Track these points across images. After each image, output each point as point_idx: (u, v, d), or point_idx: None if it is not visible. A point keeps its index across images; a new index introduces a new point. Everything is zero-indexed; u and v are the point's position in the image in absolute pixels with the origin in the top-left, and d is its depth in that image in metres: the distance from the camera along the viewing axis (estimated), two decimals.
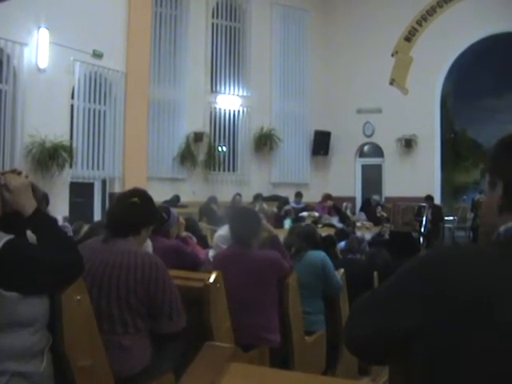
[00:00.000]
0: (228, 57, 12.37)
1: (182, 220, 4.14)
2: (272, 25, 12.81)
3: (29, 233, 1.93)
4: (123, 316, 2.23)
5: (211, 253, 4.48)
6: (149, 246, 3.11)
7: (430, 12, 12.45)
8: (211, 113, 12.05)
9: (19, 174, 1.91)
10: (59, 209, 7.69)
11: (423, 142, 12.38)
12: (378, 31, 12.52)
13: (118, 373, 2.17)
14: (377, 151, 13.26)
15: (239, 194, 10.66)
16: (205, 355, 1.14)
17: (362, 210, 11.72)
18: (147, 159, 10.28)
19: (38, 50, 8.22)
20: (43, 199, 3.05)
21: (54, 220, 1.96)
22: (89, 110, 9.24)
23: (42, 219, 1.89)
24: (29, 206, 1.86)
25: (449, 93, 12.81)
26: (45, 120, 8.11)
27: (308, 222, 8.12)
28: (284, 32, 12.99)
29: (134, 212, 2.40)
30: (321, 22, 13.27)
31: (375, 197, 11.76)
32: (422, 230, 10.41)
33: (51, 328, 1.88)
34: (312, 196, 11.89)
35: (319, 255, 3.92)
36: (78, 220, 5.82)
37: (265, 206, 9.71)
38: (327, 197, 10.81)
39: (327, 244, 4.50)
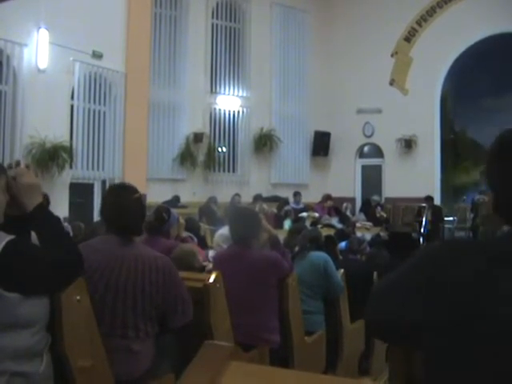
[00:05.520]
0: (228, 57, 12.36)
1: (182, 221, 4.14)
2: (272, 25, 12.81)
3: (33, 234, 1.92)
4: (137, 321, 2.24)
5: (211, 253, 4.48)
6: None
7: (430, 12, 12.45)
8: (211, 113, 12.04)
9: (27, 167, 1.91)
10: (59, 209, 7.66)
11: (423, 142, 12.38)
12: (378, 32, 12.52)
13: (123, 375, 2.18)
14: (377, 152, 13.25)
15: (238, 195, 10.65)
16: (204, 354, 1.14)
17: (361, 210, 11.72)
18: (147, 160, 10.27)
19: (37, 50, 8.21)
20: (44, 200, 3.03)
21: (57, 218, 1.95)
22: (88, 110, 9.23)
23: (44, 216, 1.88)
24: (32, 202, 1.85)
25: (448, 93, 12.80)
26: (45, 120, 8.10)
27: (308, 222, 8.11)
28: (284, 32, 12.99)
29: (139, 208, 2.39)
30: (320, 23, 13.27)
31: (375, 197, 11.76)
32: (422, 230, 10.39)
33: (51, 328, 1.88)
34: (312, 196, 11.89)
35: (322, 256, 3.99)
36: (78, 221, 5.82)
37: (264, 206, 9.68)
38: (326, 197, 10.81)
39: (328, 244, 4.51)
